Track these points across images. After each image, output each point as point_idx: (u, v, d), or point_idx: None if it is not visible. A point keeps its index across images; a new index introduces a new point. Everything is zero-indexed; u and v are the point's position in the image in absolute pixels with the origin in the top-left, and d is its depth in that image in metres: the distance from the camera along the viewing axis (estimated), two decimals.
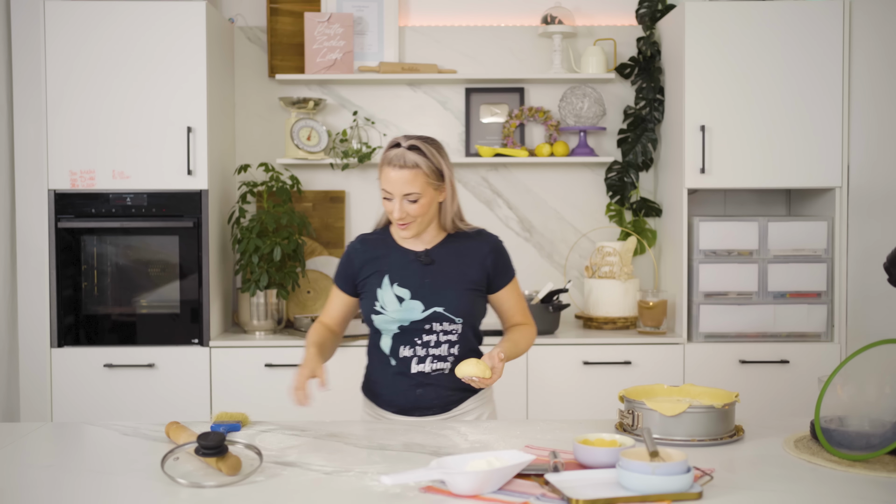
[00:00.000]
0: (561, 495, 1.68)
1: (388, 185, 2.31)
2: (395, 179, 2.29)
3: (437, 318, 2.35)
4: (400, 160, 2.29)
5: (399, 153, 2.29)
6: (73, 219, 3.65)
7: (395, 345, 2.37)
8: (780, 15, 3.68)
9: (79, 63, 3.61)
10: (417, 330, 2.35)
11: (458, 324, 2.37)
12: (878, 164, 3.53)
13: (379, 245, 2.44)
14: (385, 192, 2.32)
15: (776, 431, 2.18)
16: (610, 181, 4.10)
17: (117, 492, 1.79)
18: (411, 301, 2.35)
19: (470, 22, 4.16)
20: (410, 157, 2.29)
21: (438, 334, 2.36)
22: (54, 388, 3.63)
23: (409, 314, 2.34)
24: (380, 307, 2.36)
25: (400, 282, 2.36)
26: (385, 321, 2.36)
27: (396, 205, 2.31)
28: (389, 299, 2.35)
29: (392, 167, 2.29)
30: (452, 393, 2.39)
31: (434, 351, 2.36)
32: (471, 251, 2.43)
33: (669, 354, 3.69)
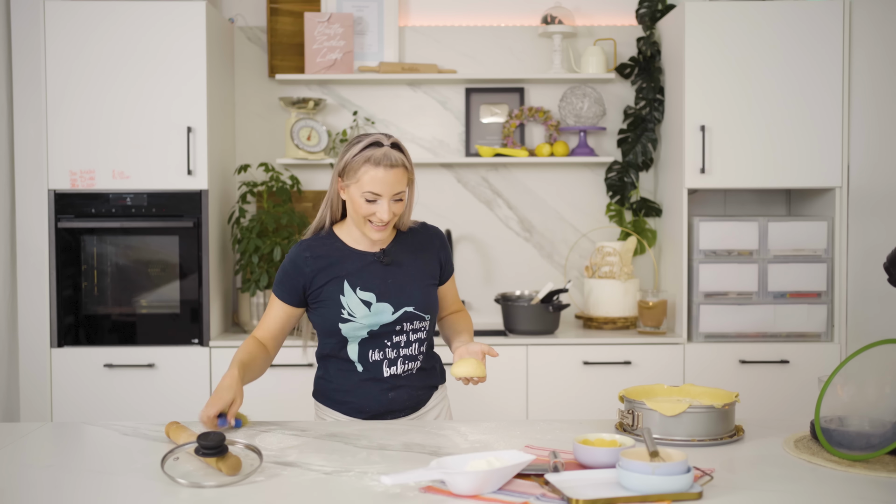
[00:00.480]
0: (561, 495, 1.68)
1: (378, 187, 2.19)
2: (385, 180, 2.18)
3: (407, 317, 2.30)
4: (388, 159, 2.19)
5: (385, 152, 2.19)
6: (73, 219, 3.65)
7: (363, 350, 2.30)
8: (780, 15, 3.68)
9: (79, 63, 3.61)
10: (387, 332, 2.29)
11: (426, 321, 2.33)
12: (878, 164, 3.53)
13: (329, 250, 2.31)
14: (371, 194, 2.19)
15: (776, 431, 2.18)
16: (610, 181, 4.10)
17: (117, 492, 1.79)
18: (379, 304, 2.27)
19: (470, 22, 4.16)
20: (396, 155, 2.20)
21: (408, 334, 2.31)
22: (54, 388, 3.63)
23: (379, 318, 2.27)
24: (348, 314, 2.26)
25: (362, 285, 2.28)
26: (355, 328, 2.27)
27: (385, 206, 2.20)
28: (356, 304, 2.27)
29: (381, 167, 2.18)
30: (422, 392, 2.37)
31: (405, 351, 2.32)
32: (424, 246, 2.38)
33: (669, 354, 3.69)
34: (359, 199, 2.22)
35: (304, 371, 3.64)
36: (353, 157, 2.22)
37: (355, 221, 2.27)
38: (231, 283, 4.03)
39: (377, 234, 2.26)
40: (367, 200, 2.21)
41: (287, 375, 3.64)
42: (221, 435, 1.85)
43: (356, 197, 2.22)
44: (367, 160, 2.19)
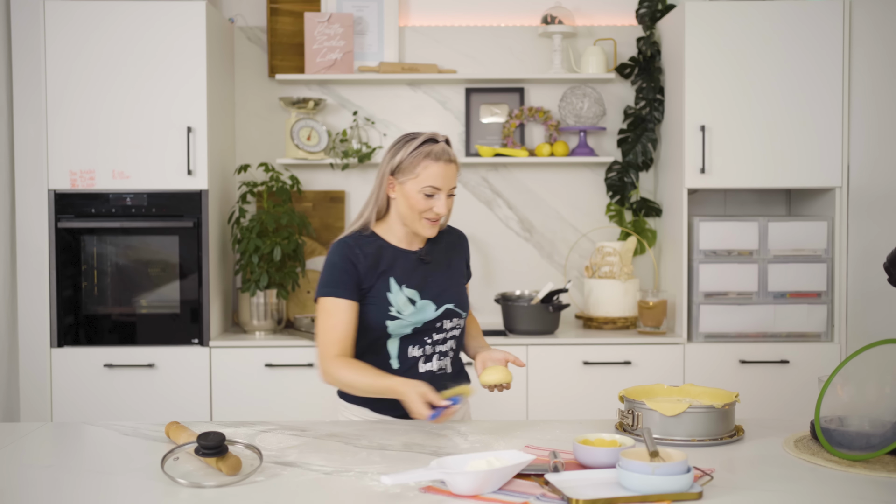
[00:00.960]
0: (561, 495, 1.68)
1: (438, 181, 2.25)
2: (445, 175, 2.25)
3: (448, 315, 2.35)
4: (446, 155, 2.26)
5: (443, 149, 2.27)
6: (73, 219, 3.65)
7: (403, 346, 2.32)
8: (780, 15, 3.68)
9: (79, 63, 3.61)
10: (429, 330, 2.33)
11: (462, 318, 2.39)
12: (878, 164, 3.53)
13: (374, 248, 2.32)
14: (431, 189, 2.24)
15: (776, 431, 2.18)
16: (610, 181, 4.10)
17: (117, 492, 1.79)
18: (423, 301, 2.32)
19: (470, 22, 4.16)
20: (451, 152, 2.29)
21: (447, 331, 2.35)
22: (54, 388, 3.63)
23: (423, 315, 2.31)
24: (396, 312, 2.28)
25: (407, 283, 2.32)
26: (401, 325, 2.29)
27: (443, 200, 2.26)
28: (402, 302, 2.29)
29: (441, 162, 2.24)
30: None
31: (440, 348, 2.35)
32: (454, 246, 2.45)
33: (669, 354, 3.69)
34: (416, 194, 2.26)
35: (304, 371, 3.64)
36: (410, 153, 2.26)
37: (407, 219, 2.30)
38: (231, 283, 4.03)
39: (431, 230, 2.31)
40: (425, 195, 2.26)
41: (287, 375, 3.64)
42: (221, 435, 1.85)
43: (413, 193, 2.26)
44: (427, 155, 2.25)
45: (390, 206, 2.34)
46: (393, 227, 2.35)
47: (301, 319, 3.81)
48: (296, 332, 3.80)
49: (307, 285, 4.02)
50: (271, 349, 3.65)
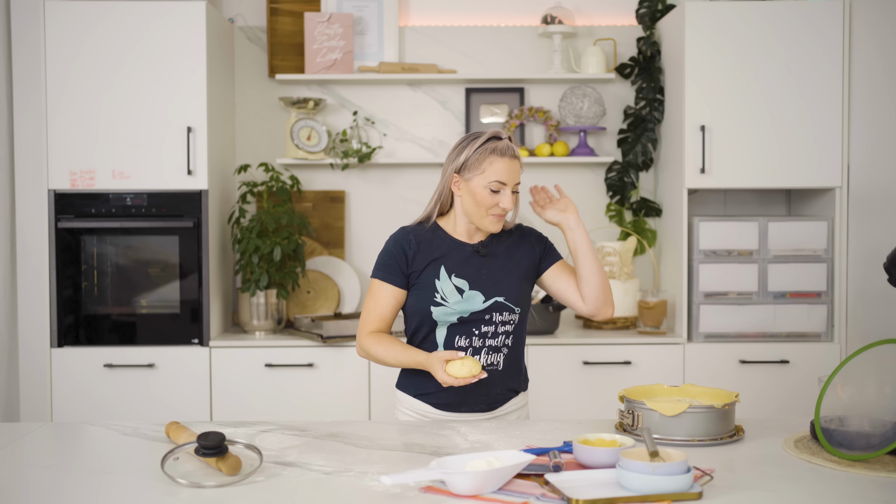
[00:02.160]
0: (561, 495, 1.68)
1: (504, 176, 2.30)
2: (511, 170, 2.30)
3: (497, 308, 2.34)
4: (511, 151, 2.31)
5: (507, 145, 2.32)
6: (73, 219, 3.65)
7: (450, 336, 2.34)
8: (780, 15, 3.68)
9: (79, 63, 3.61)
10: (477, 321, 2.33)
11: (516, 313, 2.37)
12: (878, 164, 3.53)
13: (431, 238, 2.39)
14: (497, 184, 2.30)
15: (776, 431, 2.18)
16: (610, 181, 4.10)
17: (117, 492, 1.79)
18: (471, 291, 2.34)
19: (470, 22, 4.16)
20: (515, 148, 2.34)
21: (497, 325, 2.35)
22: (54, 388, 3.63)
23: (470, 305, 2.33)
24: (440, 298, 2.32)
25: (458, 272, 2.35)
26: (446, 312, 2.32)
27: (508, 194, 2.31)
28: (450, 290, 2.33)
29: (506, 157, 2.30)
30: (500, 391, 2.38)
31: (491, 342, 2.35)
32: (520, 242, 2.45)
33: (669, 354, 3.69)
34: (482, 190, 2.31)
35: (304, 371, 3.64)
36: (476, 150, 2.32)
37: (473, 215, 2.35)
38: (231, 283, 4.03)
39: (497, 226, 2.35)
40: (491, 191, 2.31)
41: (287, 375, 3.64)
42: (221, 435, 1.85)
43: (479, 189, 2.31)
44: (493, 151, 2.31)
45: (453, 203, 2.40)
46: (455, 222, 2.41)
47: (301, 319, 3.81)
48: (296, 332, 3.81)
49: (307, 285, 4.02)
50: (271, 349, 3.65)
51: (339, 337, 3.63)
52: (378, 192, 4.15)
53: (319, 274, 4.06)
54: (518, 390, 2.44)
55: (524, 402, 2.48)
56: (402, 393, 2.44)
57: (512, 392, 2.42)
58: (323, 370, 3.64)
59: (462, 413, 2.36)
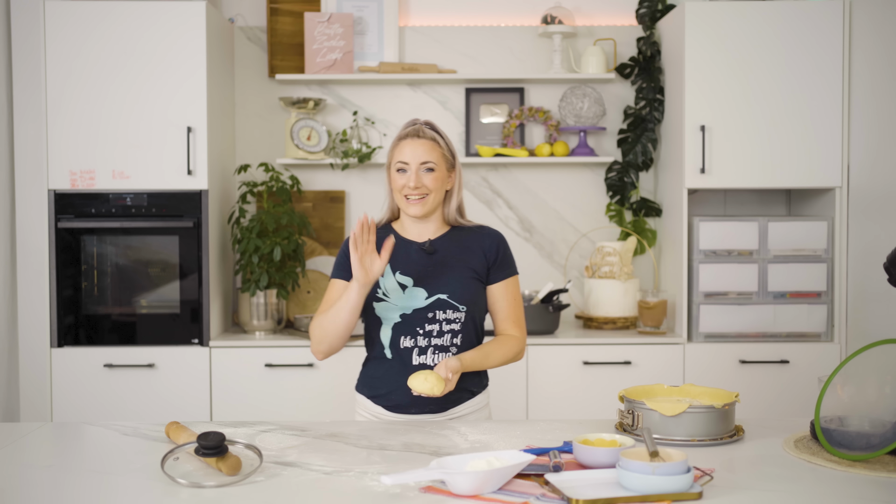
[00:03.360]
0: (561, 495, 1.68)
1: (405, 156, 2.34)
2: (412, 148, 2.34)
3: (440, 305, 2.33)
4: (416, 132, 2.36)
5: (416, 127, 2.37)
6: (73, 219, 3.65)
7: (395, 335, 2.34)
8: (780, 15, 3.68)
9: (79, 63, 3.61)
10: (420, 318, 2.32)
11: (461, 312, 2.35)
12: (878, 164, 3.53)
13: (380, 236, 2.40)
14: (400, 164, 2.34)
15: (776, 431, 2.18)
16: (610, 181, 4.10)
17: (117, 492, 1.79)
18: (414, 288, 2.34)
19: (470, 22, 4.16)
20: (427, 131, 2.37)
21: (441, 323, 2.33)
22: (54, 388, 3.63)
23: (411, 301, 2.33)
24: (382, 294, 2.34)
25: (402, 270, 2.36)
26: (387, 308, 2.33)
27: (412, 175, 2.33)
28: (392, 286, 2.34)
29: (409, 138, 2.35)
30: (452, 393, 2.35)
31: (436, 341, 2.33)
32: (473, 242, 2.42)
33: (669, 354, 3.69)
34: (393, 175, 2.37)
35: (304, 371, 3.64)
36: (392, 142, 2.40)
37: (398, 203, 2.39)
38: (231, 283, 4.03)
39: (412, 208, 2.36)
40: (398, 171, 2.36)
41: (287, 375, 3.64)
42: (221, 435, 1.85)
43: (393, 175, 2.38)
44: (399, 137, 2.39)
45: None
46: (405, 222, 2.44)
47: (301, 319, 3.81)
48: (296, 332, 3.80)
49: (307, 285, 4.02)
50: (271, 349, 3.65)
51: None
52: (378, 192, 4.15)
53: (319, 274, 4.06)
54: (475, 392, 2.42)
55: (484, 402, 2.45)
56: (359, 394, 2.45)
57: (467, 393, 2.39)
58: (323, 370, 3.64)
59: (413, 415, 2.34)
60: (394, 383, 2.34)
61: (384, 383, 2.36)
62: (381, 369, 2.37)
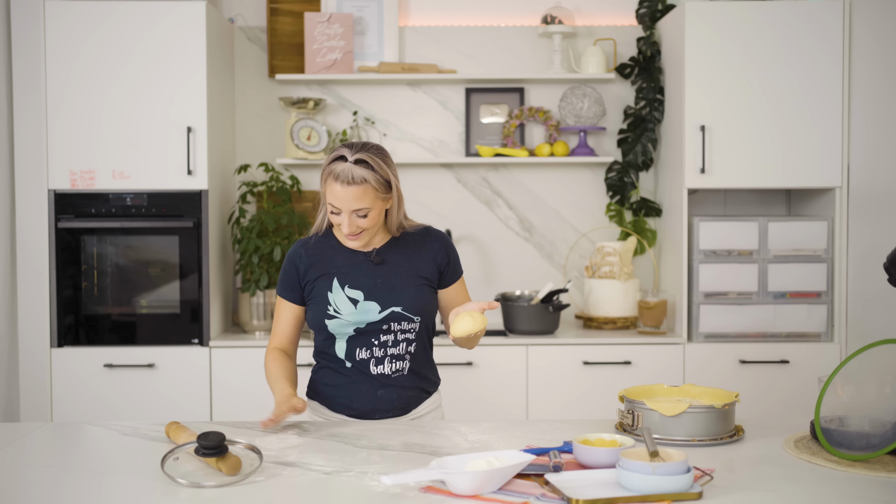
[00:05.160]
0: (561, 495, 1.68)
1: (336, 202, 2.23)
2: (343, 196, 2.21)
3: (394, 317, 2.30)
4: (347, 176, 2.20)
5: (346, 168, 2.20)
6: (73, 219, 3.65)
7: (351, 348, 2.31)
8: (780, 15, 3.68)
9: (79, 63, 3.61)
10: (374, 331, 2.30)
11: (416, 322, 2.33)
12: (878, 164, 3.53)
13: (323, 247, 2.35)
14: (332, 207, 2.25)
15: (776, 431, 2.18)
16: (610, 181, 4.10)
17: (117, 492, 1.79)
18: (366, 302, 2.29)
19: (470, 22, 4.16)
20: (358, 172, 2.20)
21: (396, 333, 2.31)
22: (54, 388, 3.63)
23: (365, 316, 2.29)
24: (333, 311, 2.29)
25: (351, 283, 2.30)
26: (340, 325, 2.29)
27: (345, 219, 2.24)
28: (342, 302, 2.29)
29: (339, 183, 2.21)
30: (412, 394, 2.36)
31: (392, 350, 2.32)
32: (421, 247, 2.37)
33: (669, 354, 3.69)
34: (328, 207, 2.28)
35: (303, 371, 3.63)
36: (324, 167, 2.28)
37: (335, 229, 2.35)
38: (231, 283, 4.03)
39: (349, 243, 2.32)
40: (332, 212, 2.27)
41: None
42: (221, 435, 1.85)
43: (327, 205, 2.29)
44: (331, 173, 2.24)
45: None
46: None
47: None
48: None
49: None
50: None
51: None
52: None
53: None
54: (430, 391, 2.42)
55: (437, 402, 2.45)
56: (313, 401, 2.41)
57: (424, 393, 2.40)
58: None
59: (376, 420, 2.33)
60: (356, 391, 2.33)
61: (345, 392, 2.34)
62: (340, 378, 2.35)
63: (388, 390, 2.33)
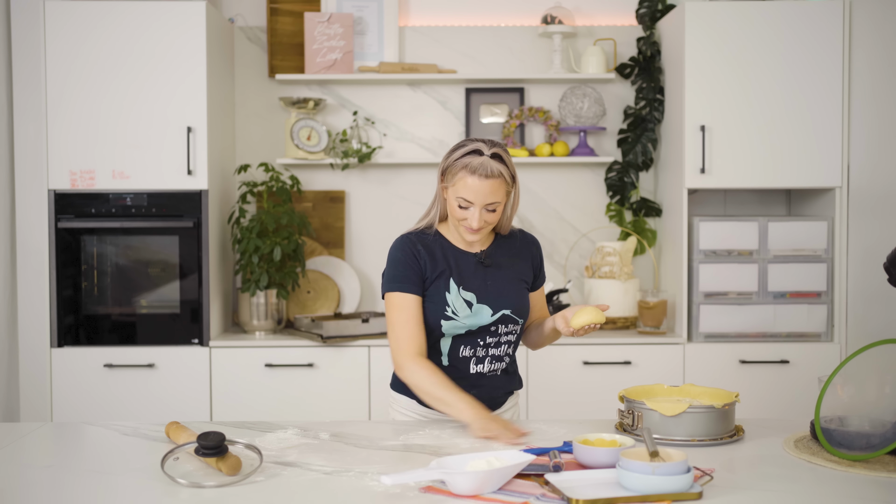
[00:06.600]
0: (561, 495, 1.68)
1: (471, 195, 2.21)
2: (479, 190, 2.20)
3: (504, 320, 2.32)
4: (485, 170, 2.19)
5: (484, 162, 2.20)
6: (73, 219, 3.65)
7: (455, 346, 2.32)
8: (780, 15, 3.68)
9: (79, 63, 3.61)
10: (483, 332, 2.31)
11: (519, 324, 2.36)
12: (878, 164, 3.53)
13: (435, 246, 2.33)
14: (463, 201, 2.22)
15: (776, 431, 2.18)
16: (610, 181, 4.10)
17: (117, 492, 1.79)
18: (479, 305, 2.30)
19: (470, 22, 4.16)
20: (495, 166, 2.20)
21: (501, 336, 2.33)
22: (54, 388, 3.63)
23: (478, 319, 2.29)
24: (451, 312, 2.28)
25: (465, 285, 2.31)
26: (455, 326, 2.29)
27: (475, 214, 2.22)
28: (460, 304, 2.29)
29: (477, 176, 2.19)
30: (500, 395, 2.38)
31: (494, 351, 2.33)
32: (521, 251, 2.41)
33: (669, 354, 3.69)
34: (454, 202, 2.25)
35: (304, 371, 3.64)
36: (454, 161, 2.24)
37: (453, 223, 2.32)
38: (231, 283, 4.03)
39: (469, 237, 2.29)
40: (459, 206, 2.24)
41: (287, 375, 3.64)
42: (221, 435, 1.85)
43: (451, 200, 2.26)
44: (465, 167, 2.22)
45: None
46: (452, 227, 2.35)
47: (301, 319, 3.81)
48: (296, 332, 3.81)
49: (307, 285, 4.02)
50: (271, 349, 3.65)
51: (339, 337, 3.63)
52: (378, 192, 4.15)
53: (319, 274, 4.06)
54: (514, 390, 2.44)
55: (517, 399, 2.48)
56: (398, 393, 2.40)
57: (510, 393, 2.43)
58: (323, 370, 3.64)
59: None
60: None
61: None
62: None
63: (480, 390, 2.32)
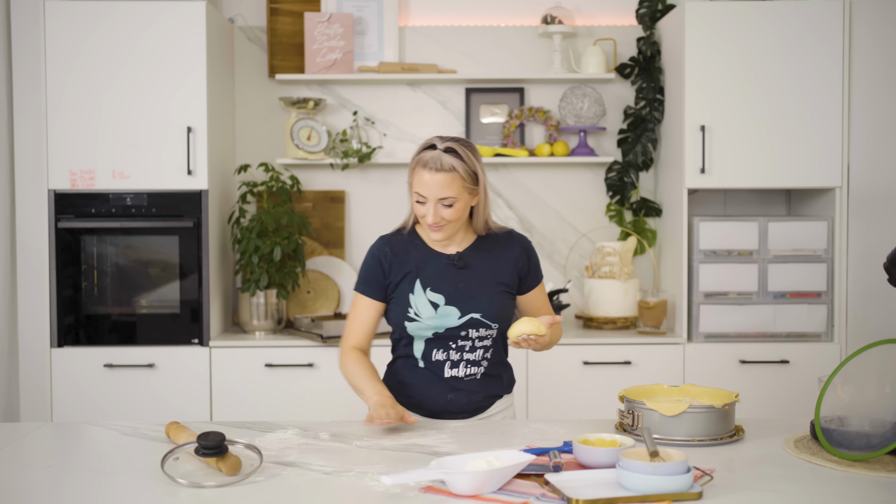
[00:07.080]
0: (561, 495, 1.68)
1: (423, 189, 2.21)
2: (430, 183, 2.20)
3: (473, 324, 2.30)
4: (436, 163, 2.20)
5: (435, 156, 2.20)
6: (73, 219, 3.65)
7: (428, 349, 2.32)
8: (780, 15, 3.68)
9: (79, 63, 3.61)
10: (452, 336, 2.30)
11: (493, 329, 2.33)
12: (878, 164, 3.53)
13: (407, 247, 2.34)
14: (418, 196, 2.23)
15: (776, 431, 2.18)
16: (610, 181, 4.10)
17: (117, 492, 1.79)
18: (446, 307, 2.28)
19: (470, 22, 4.16)
20: (447, 160, 2.20)
21: (474, 340, 2.31)
22: (54, 388, 3.63)
23: (444, 321, 2.28)
24: (414, 314, 2.28)
25: (433, 287, 2.29)
26: (419, 328, 2.29)
27: (430, 209, 2.22)
28: (423, 305, 2.28)
29: (427, 170, 2.20)
30: (482, 399, 2.36)
31: (468, 356, 2.32)
32: (503, 253, 2.37)
33: (669, 354, 3.69)
34: (413, 198, 2.27)
35: (304, 371, 3.64)
36: (413, 157, 2.27)
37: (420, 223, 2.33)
38: (231, 283, 4.03)
39: (433, 235, 2.29)
40: (417, 201, 2.26)
41: (287, 375, 3.64)
42: (221, 435, 1.85)
43: (412, 196, 2.28)
44: (419, 162, 2.24)
45: None
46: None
47: (301, 319, 3.81)
48: (296, 332, 3.80)
49: (307, 285, 4.02)
50: (271, 349, 3.65)
51: (339, 337, 3.62)
52: (378, 192, 4.15)
53: (319, 274, 4.06)
54: (501, 394, 2.42)
55: (508, 403, 2.46)
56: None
57: (495, 397, 2.40)
58: (323, 370, 3.64)
59: (444, 420, 2.33)
60: (427, 391, 2.34)
61: (417, 391, 2.35)
62: (413, 376, 2.35)
63: (459, 394, 2.33)
